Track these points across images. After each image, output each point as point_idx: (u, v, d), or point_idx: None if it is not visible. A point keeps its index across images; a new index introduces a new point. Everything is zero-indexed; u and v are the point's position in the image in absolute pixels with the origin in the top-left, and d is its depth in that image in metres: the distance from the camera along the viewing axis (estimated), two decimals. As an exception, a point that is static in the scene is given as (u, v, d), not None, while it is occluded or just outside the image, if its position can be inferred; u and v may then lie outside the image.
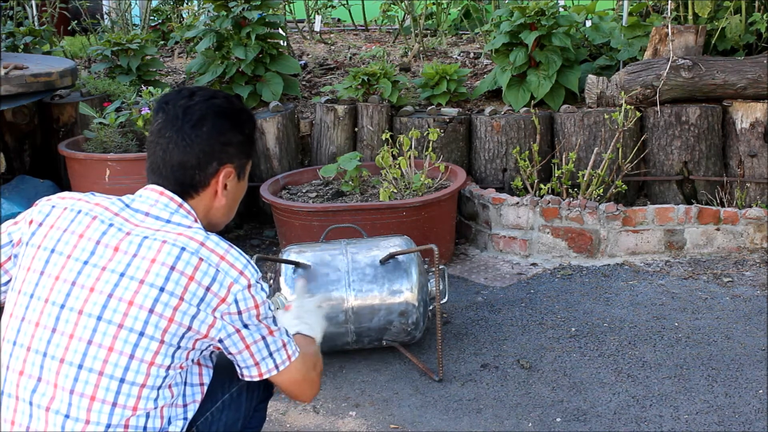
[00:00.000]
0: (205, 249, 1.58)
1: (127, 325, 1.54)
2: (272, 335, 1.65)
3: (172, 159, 1.66)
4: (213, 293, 1.56)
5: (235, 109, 1.72)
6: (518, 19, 4.65)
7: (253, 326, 1.62)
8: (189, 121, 1.65)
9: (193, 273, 1.55)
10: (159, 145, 1.67)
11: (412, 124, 4.61)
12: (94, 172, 4.12)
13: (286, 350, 1.69)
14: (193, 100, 1.68)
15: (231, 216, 1.78)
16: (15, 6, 6.60)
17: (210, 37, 5.01)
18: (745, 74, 4.45)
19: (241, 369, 1.68)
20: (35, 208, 1.69)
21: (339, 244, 3.22)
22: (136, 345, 1.54)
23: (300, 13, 7.28)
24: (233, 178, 1.71)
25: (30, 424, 1.56)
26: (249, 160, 1.76)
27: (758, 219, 4.06)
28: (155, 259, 1.55)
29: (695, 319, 3.48)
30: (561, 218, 4.13)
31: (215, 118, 1.67)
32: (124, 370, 1.54)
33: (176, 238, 1.58)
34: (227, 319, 1.59)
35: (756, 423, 2.70)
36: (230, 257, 1.59)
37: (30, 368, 1.56)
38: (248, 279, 1.59)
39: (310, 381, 1.75)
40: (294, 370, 1.70)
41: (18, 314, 1.60)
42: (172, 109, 1.67)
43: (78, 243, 1.60)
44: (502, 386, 3.00)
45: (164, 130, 1.66)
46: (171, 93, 1.72)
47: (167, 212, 1.64)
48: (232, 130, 1.69)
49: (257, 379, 1.69)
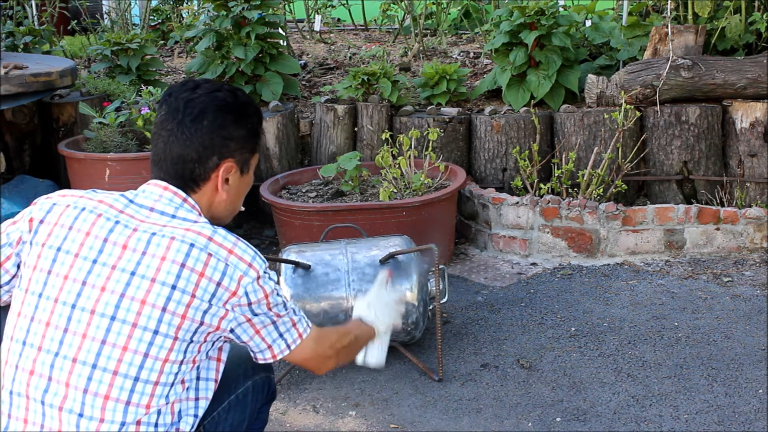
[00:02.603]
0: (213, 244, 1.59)
1: (141, 324, 1.54)
2: (281, 318, 1.67)
3: (172, 152, 1.66)
4: (224, 288, 1.57)
5: (239, 102, 1.71)
6: (518, 18, 4.65)
7: (262, 314, 1.64)
8: (189, 114, 1.65)
9: (203, 269, 1.56)
10: (161, 137, 1.67)
11: (411, 123, 4.61)
12: (94, 172, 4.12)
13: (297, 329, 1.71)
14: (196, 93, 1.68)
15: (235, 211, 1.78)
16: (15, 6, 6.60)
17: (210, 37, 5.01)
18: (745, 74, 4.45)
19: (255, 354, 1.70)
20: (34, 206, 1.68)
21: (339, 243, 3.22)
22: (150, 343, 1.54)
23: (300, 12, 7.28)
24: (235, 173, 1.71)
25: (44, 423, 1.56)
26: (253, 154, 1.76)
27: (758, 219, 4.06)
28: (165, 257, 1.56)
29: (695, 318, 3.48)
30: (561, 218, 4.13)
31: (217, 111, 1.67)
32: (139, 368, 1.54)
33: (184, 234, 1.58)
34: (238, 311, 1.60)
35: (756, 423, 2.70)
36: (238, 250, 1.60)
37: (40, 368, 1.56)
38: (257, 271, 1.61)
39: (324, 357, 1.77)
40: (306, 347, 1.72)
41: (27, 314, 1.59)
42: (174, 102, 1.67)
43: (85, 241, 1.59)
44: (502, 386, 3.00)
45: (166, 122, 1.67)
46: (176, 85, 1.72)
47: (172, 207, 1.64)
48: (234, 124, 1.69)
49: (271, 361, 1.71)
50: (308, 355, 1.74)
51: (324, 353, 1.76)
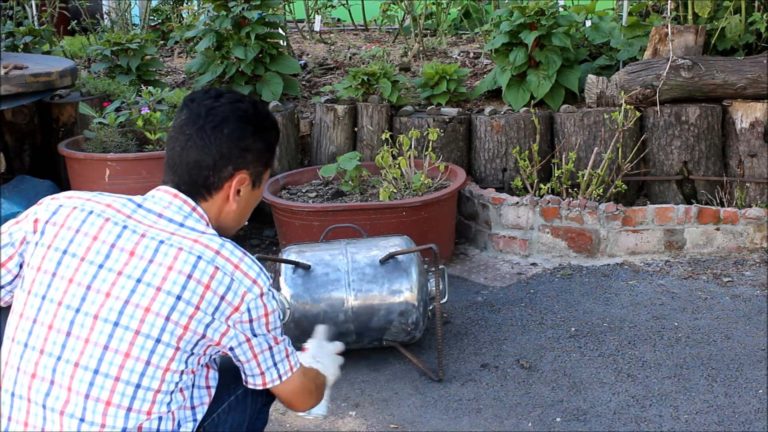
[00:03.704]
0: (220, 258, 1.58)
1: (143, 332, 1.54)
2: (278, 345, 1.68)
3: (189, 157, 1.65)
4: (227, 302, 1.57)
5: (260, 115, 1.71)
6: (518, 18, 4.65)
7: (261, 336, 1.63)
8: (211, 122, 1.65)
9: (209, 282, 1.56)
10: (178, 141, 1.67)
11: (411, 124, 4.61)
12: (93, 172, 4.12)
13: (289, 361, 1.72)
14: (219, 102, 1.67)
15: (242, 222, 1.78)
16: (15, 6, 6.60)
17: (210, 37, 5.01)
18: (745, 74, 4.45)
19: (247, 377, 1.71)
20: (40, 206, 1.66)
21: (339, 244, 3.22)
22: (152, 351, 1.54)
23: (300, 13, 7.28)
24: (247, 185, 1.71)
25: (45, 427, 1.55)
26: (267, 169, 1.75)
27: (758, 219, 4.06)
28: (172, 267, 1.55)
29: (695, 319, 3.48)
30: (561, 218, 4.13)
31: (238, 122, 1.67)
32: (140, 375, 1.54)
33: (192, 245, 1.58)
34: (239, 328, 1.60)
35: (756, 423, 2.70)
36: (244, 266, 1.60)
37: (42, 371, 1.56)
38: (261, 288, 1.60)
39: (308, 392, 1.79)
40: (295, 380, 1.74)
41: (29, 315, 1.58)
42: (196, 108, 1.67)
43: (92, 245, 1.58)
44: (502, 386, 3.00)
45: (185, 127, 1.66)
46: (198, 92, 1.72)
47: (180, 216, 1.64)
48: (253, 136, 1.69)
49: (260, 388, 1.72)
50: (296, 389, 1.74)
51: (309, 388, 1.78)
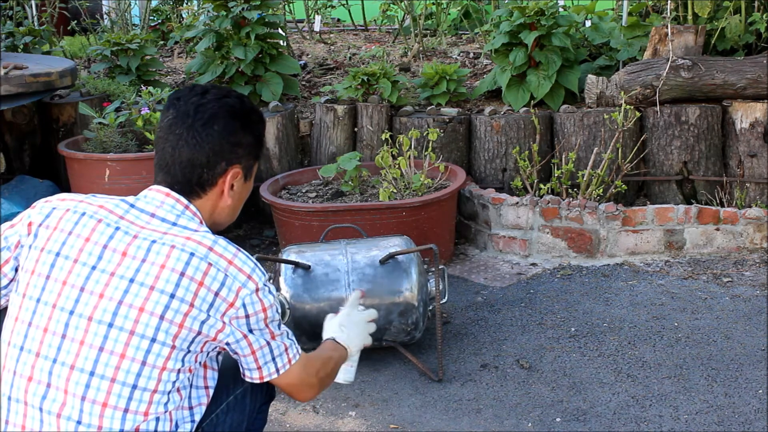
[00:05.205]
0: (213, 254, 1.58)
1: (138, 332, 1.54)
2: (275, 339, 1.67)
3: (181, 156, 1.65)
4: (222, 298, 1.57)
5: (246, 109, 1.71)
6: (518, 19, 4.65)
7: (258, 331, 1.63)
8: (200, 119, 1.65)
9: (202, 278, 1.56)
10: (168, 141, 1.66)
11: (411, 124, 4.61)
12: (93, 172, 4.12)
13: (288, 354, 1.71)
14: (206, 98, 1.67)
15: (235, 216, 1.78)
16: (15, 6, 6.59)
17: (210, 37, 5.01)
18: (745, 74, 4.45)
19: (244, 370, 1.71)
20: (33, 209, 1.66)
21: (339, 244, 3.22)
22: (147, 351, 1.54)
23: (300, 13, 7.28)
24: (240, 179, 1.71)
25: (42, 430, 1.55)
26: (256, 161, 1.76)
27: (758, 219, 4.06)
28: (165, 265, 1.55)
29: (695, 319, 3.48)
30: (561, 218, 4.13)
31: (227, 117, 1.67)
32: (136, 376, 1.54)
33: (185, 243, 1.58)
34: (235, 324, 1.59)
35: (756, 423, 2.70)
36: (238, 261, 1.60)
37: (39, 374, 1.56)
38: (256, 283, 1.60)
39: (308, 385, 1.77)
40: (294, 373, 1.73)
41: (24, 318, 1.58)
42: (184, 106, 1.66)
43: (84, 247, 1.58)
44: (502, 386, 3.00)
45: (174, 126, 1.66)
46: (183, 89, 1.71)
47: (173, 215, 1.64)
48: (242, 131, 1.69)
49: (258, 381, 1.72)
50: (294, 381, 1.74)
51: (309, 381, 1.77)
